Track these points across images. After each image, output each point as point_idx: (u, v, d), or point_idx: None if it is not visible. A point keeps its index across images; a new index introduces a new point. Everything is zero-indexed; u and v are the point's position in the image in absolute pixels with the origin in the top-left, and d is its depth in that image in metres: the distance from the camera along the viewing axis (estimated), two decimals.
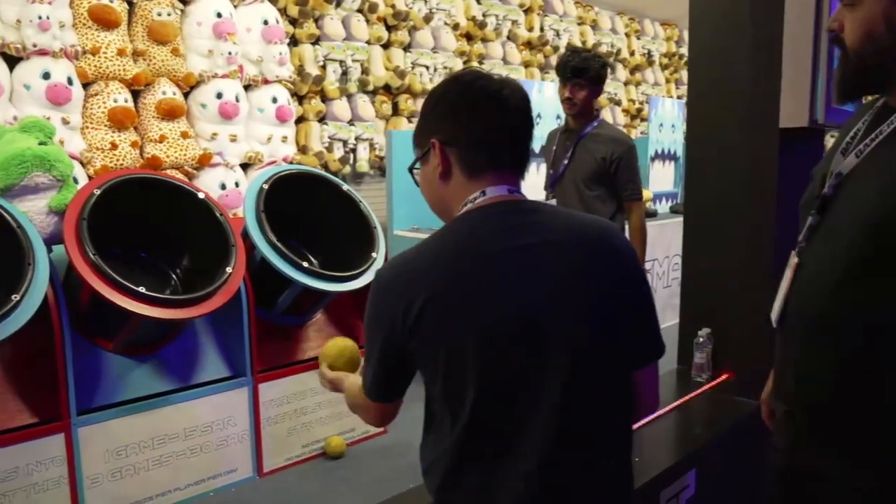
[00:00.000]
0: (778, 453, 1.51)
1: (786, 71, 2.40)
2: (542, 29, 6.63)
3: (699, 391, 2.57)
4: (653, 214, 5.75)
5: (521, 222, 1.24)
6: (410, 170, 1.39)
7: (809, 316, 1.38)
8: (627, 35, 7.72)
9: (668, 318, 4.48)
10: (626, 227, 3.29)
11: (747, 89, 2.55)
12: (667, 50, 8.23)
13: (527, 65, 6.49)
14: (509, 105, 1.26)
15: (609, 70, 3.19)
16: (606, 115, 7.34)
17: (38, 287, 2.34)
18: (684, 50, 7.39)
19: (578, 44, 6.94)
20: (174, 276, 2.94)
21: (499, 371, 1.18)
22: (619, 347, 1.25)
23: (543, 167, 4.89)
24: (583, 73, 3.18)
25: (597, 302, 1.22)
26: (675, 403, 2.48)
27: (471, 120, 1.26)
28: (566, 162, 3.32)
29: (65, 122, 3.51)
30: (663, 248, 5.48)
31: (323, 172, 3.45)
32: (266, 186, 3.05)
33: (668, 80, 8.34)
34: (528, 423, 1.19)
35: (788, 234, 1.64)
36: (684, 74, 5.90)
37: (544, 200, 3.41)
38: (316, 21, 4.87)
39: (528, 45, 6.50)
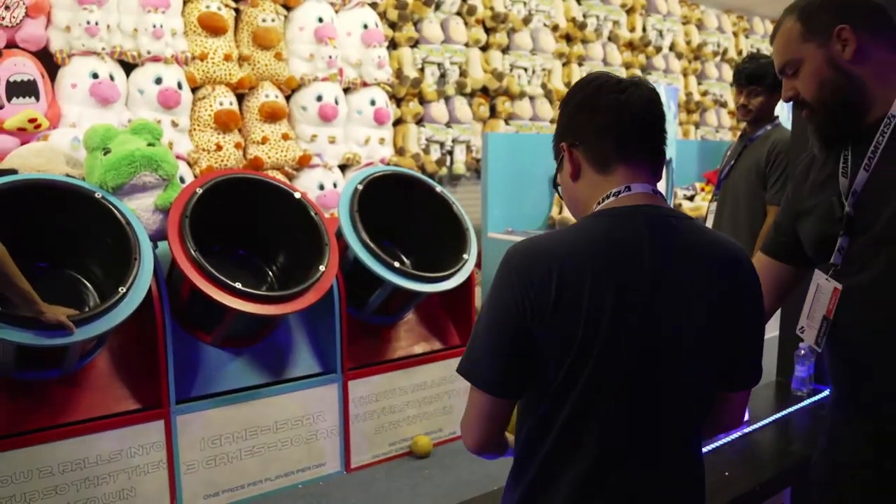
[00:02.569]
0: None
1: None
2: (644, 29, 6.48)
3: (798, 405, 2.45)
4: None
5: (657, 228, 1.24)
6: (555, 186, 1.41)
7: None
8: (735, 34, 7.44)
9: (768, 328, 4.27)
10: None
11: None
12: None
13: (628, 66, 6.36)
14: (632, 96, 1.27)
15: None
16: (711, 117, 7.09)
17: (143, 281, 2.45)
18: None
19: (682, 44, 6.74)
20: (270, 273, 3.03)
21: (608, 370, 1.19)
22: (718, 369, 1.26)
23: None
24: (759, 79, 3.16)
25: (712, 324, 1.23)
26: (773, 417, 2.37)
27: (592, 114, 1.28)
28: (732, 163, 3.29)
29: (174, 124, 3.69)
30: None
31: (417, 173, 3.47)
32: (360, 187, 3.09)
33: None
34: (609, 425, 1.21)
35: None
36: None
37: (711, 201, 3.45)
38: (415, 24, 4.93)
39: (630, 45, 6.37)
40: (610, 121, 1.27)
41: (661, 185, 4.90)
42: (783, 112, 4.69)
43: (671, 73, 6.65)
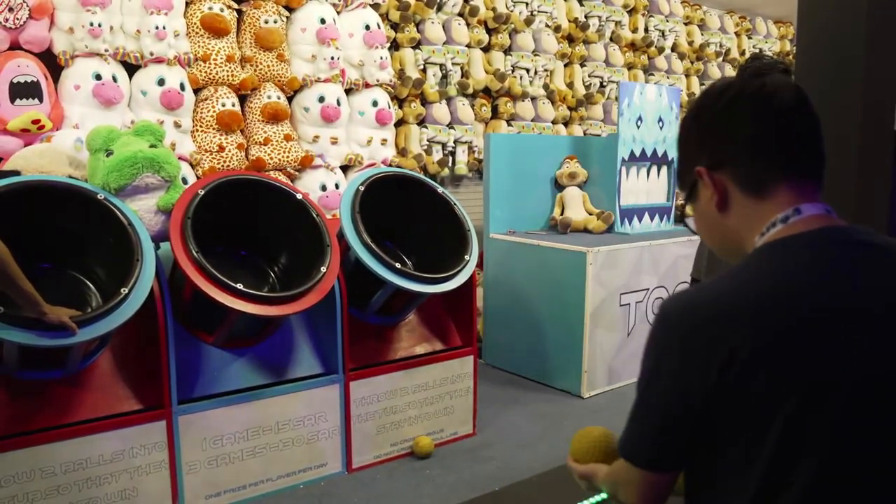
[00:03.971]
0: None
1: None
2: (646, 30, 6.47)
3: None
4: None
5: (863, 259, 1.01)
6: (682, 221, 1.19)
7: None
8: (738, 34, 7.43)
9: None
10: None
11: (860, 89, 2.40)
12: (780, 49, 7.87)
13: (630, 66, 6.36)
14: (784, 96, 1.07)
15: (789, 76, 3.13)
16: None
17: (145, 282, 2.46)
18: None
19: (685, 45, 6.73)
20: (272, 273, 3.04)
21: (852, 439, 0.95)
22: None
23: (644, 172, 4.78)
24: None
25: None
26: None
27: (737, 125, 1.07)
28: None
29: (177, 125, 3.69)
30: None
31: (418, 174, 3.48)
32: (362, 188, 3.11)
33: None
34: None
35: None
36: None
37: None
38: (417, 25, 4.93)
39: (632, 46, 6.36)
40: (764, 131, 1.06)
41: (663, 185, 4.92)
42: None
43: (674, 73, 6.64)
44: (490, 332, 4.65)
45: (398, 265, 2.96)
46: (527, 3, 5.51)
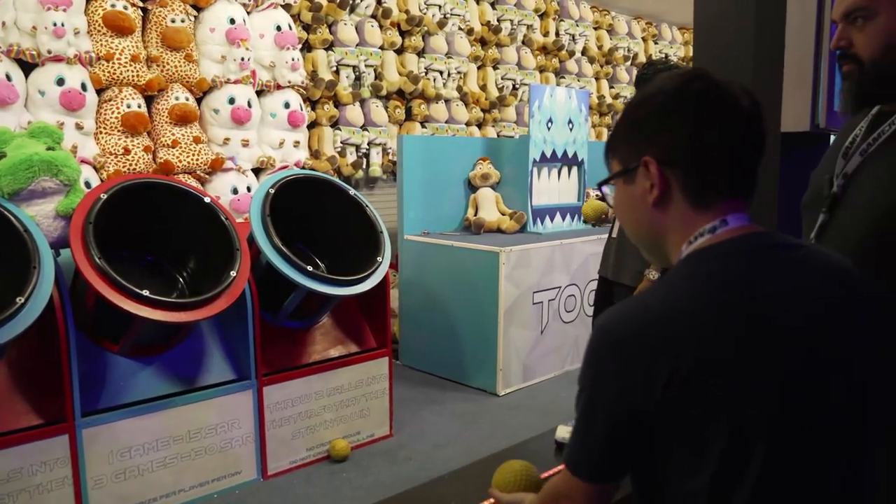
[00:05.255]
0: None
1: (788, 76, 2.40)
2: (557, 34, 6.60)
3: None
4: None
5: (791, 260, 1.03)
6: (601, 185, 1.18)
7: None
8: (644, 39, 7.67)
9: None
10: None
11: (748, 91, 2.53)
12: (685, 54, 8.17)
13: (542, 69, 6.48)
14: (748, 114, 1.04)
15: None
16: None
17: (43, 290, 2.36)
18: None
19: (594, 49, 6.90)
20: (181, 279, 2.96)
21: (791, 444, 0.98)
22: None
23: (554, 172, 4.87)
24: None
25: (879, 361, 1.05)
26: None
27: (702, 134, 1.02)
28: None
29: (78, 127, 3.55)
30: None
31: (329, 177, 3.46)
32: (273, 191, 3.07)
33: None
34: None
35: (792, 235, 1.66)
36: None
37: None
38: (329, 27, 4.89)
39: (544, 49, 6.48)
40: (724, 142, 1.02)
41: (574, 186, 5.03)
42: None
43: (584, 76, 6.80)
44: (406, 332, 4.65)
45: (310, 268, 2.94)
46: (440, 6, 5.54)
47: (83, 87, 3.59)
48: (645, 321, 0.99)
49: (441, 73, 5.54)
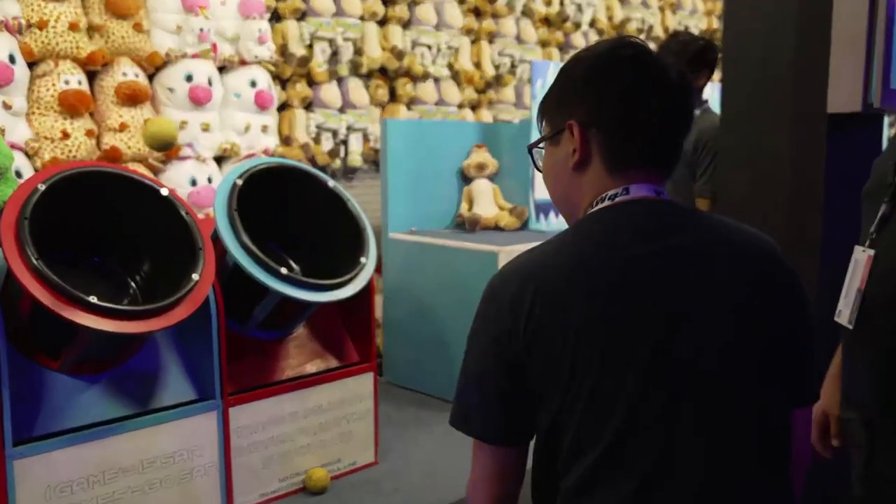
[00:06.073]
0: (855, 465, 1.55)
1: (836, 49, 2.37)
2: (562, 3, 6.59)
3: None
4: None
5: (665, 226, 1.19)
6: (531, 149, 1.33)
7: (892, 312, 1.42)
8: (661, 9, 7.68)
9: None
10: None
11: (791, 70, 2.52)
12: (707, 26, 8.18)
13: (544, 44, 6.46)
14: (674, 85, 1.20)
15: (714, 53, 3.36)
16: None
17: None
18: None
19: (604, 20, 6.91)
20: (133, 283, 2.92)
21: (616, 392, 1.12)
22: (760, 384, 1.17)
23: None
24: (678, 57, 3.26)
25: (741, 328, 1.16)
26: None
27: (627, 100, 1.18)
28: None
29: (6, 106, 3.50)
30: None
31: (306, 166, 3.44)
32: (240, 182, 3.04)
33: None
34: (638, 460, 1.13)
35: (840, 229, 1.68)
36: None
37: None
38: None
39: (546, 21, 6.47)
40: (644, 117, 1.18)
41: None
42: (713, 95, 4.83)
43: None
44: (390, 345, 4.62)
45: (284, 270, 2.91)
46: None
47: (11, 59, 3.52)
48: (517, 267, 1.19)
49: (429, 47, 5.51)
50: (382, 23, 5.32)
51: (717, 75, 3.18)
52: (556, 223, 4.86)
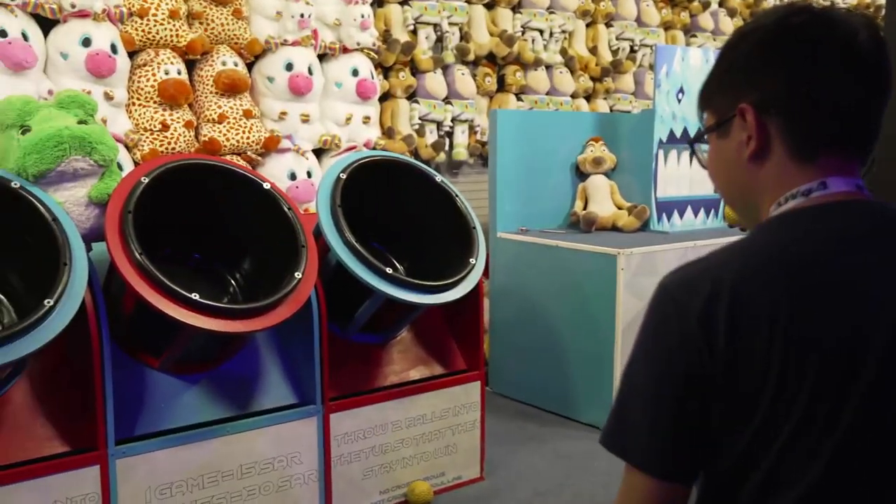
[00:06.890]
0: None
1: None
2: None
3: None
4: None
5: (876, 231, 1.09)
6: (692, 143, 1.26)
7: None
8: None
9: None
10: None
11: None
12: (859, 1, 7.88)
13: (667, 27, 6.35)
14: (867, 49, 1.06)
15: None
16: None
17: (75, 291, 2.41)
18: None
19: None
20: (233, 281, 3.01)
21: (833, 419, 1.03)
22: None
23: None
24: None
25: None
26: None
27: (809, 74, 1.07)
28: None
29: (108, 97, 3.64)
30: None
31: (412, 160, 3.47)
32: (344, 176, 3.08)
33: None
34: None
35: None
36: None
37: None
38: None
39: (671, 1, 6.36)
40: (837, 83, 1.06)
41: None
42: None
43: (721, 34, 6.64)
44: (497, 353, 4.63)
45: (389, 270, 2.93)
46: None
47: (113, 48, 3.66)
48: (697, 275, 1.08)
49: (541, 32, 5.49)
50: (490, 6, 5.32)
51: None
52: (681, 225, 4.78)
